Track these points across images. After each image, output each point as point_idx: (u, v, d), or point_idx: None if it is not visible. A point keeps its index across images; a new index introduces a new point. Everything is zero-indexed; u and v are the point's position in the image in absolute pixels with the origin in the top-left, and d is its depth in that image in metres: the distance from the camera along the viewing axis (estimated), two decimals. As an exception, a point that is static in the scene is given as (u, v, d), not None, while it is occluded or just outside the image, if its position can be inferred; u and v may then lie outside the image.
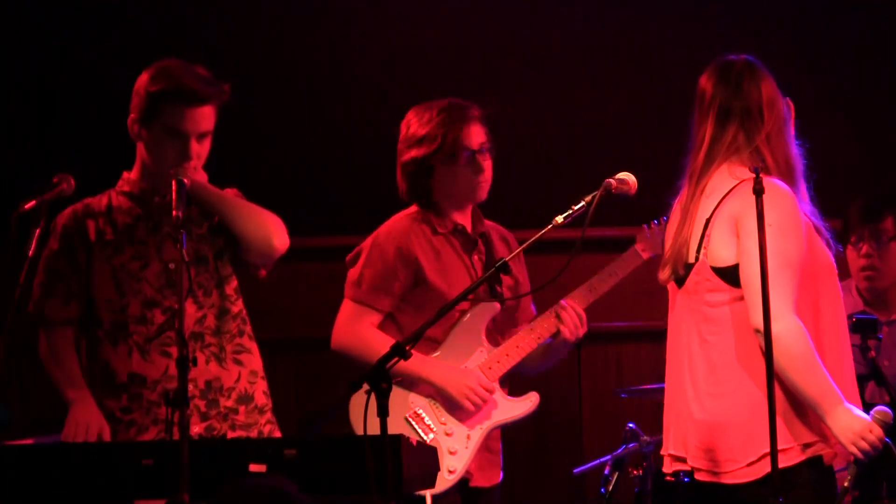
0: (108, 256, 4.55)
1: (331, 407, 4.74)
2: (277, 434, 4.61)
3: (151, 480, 3.84)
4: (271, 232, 4.56)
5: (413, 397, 4.76)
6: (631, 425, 5.47)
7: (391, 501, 3.65)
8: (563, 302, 4.78)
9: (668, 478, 5.42)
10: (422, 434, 4.71)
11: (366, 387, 4.68)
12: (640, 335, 6.35)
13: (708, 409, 4.06)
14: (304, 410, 6.37)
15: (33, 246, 4.13)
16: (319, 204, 6.57)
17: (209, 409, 4.48)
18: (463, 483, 4.73)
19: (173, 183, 4.23)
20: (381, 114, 6.64)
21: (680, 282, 4.17)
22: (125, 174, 4.63)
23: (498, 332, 4.86)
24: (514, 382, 4.93)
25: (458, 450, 4.70)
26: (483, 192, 4.88)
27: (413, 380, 4.74)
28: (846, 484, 3.90)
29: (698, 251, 4.11)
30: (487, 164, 4.86)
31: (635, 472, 5.40)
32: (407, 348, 3.70)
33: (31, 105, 6.68)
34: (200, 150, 4.53)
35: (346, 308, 4.91)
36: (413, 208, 4.92)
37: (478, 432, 4.72)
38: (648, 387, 5.78)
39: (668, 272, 4.20)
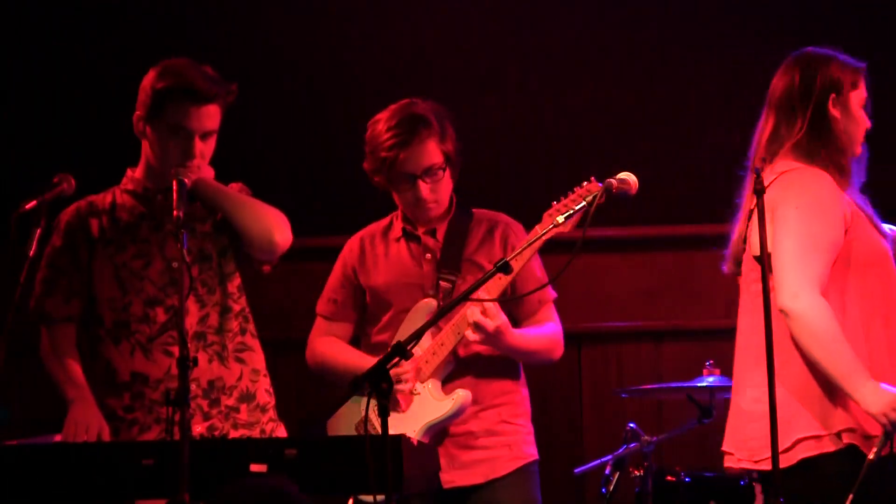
0: (111, 255, 4.55)
1: (331, 407, 4.73)
2: (280, 432, 4.61)
3: (152, 480, 3.84)
4: (272, 227, 4.56)
5: (363, 403, 4.66)
6: (631, 425, 5.47)
7: (392, 500, 3.64)
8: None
9: (668, 477, 5.45)
10: None
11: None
12: (640, 335, 6.35)
13: (749, 396, 4.08)
14: (304, 410, 6.37)
15: (34, 246, 4.13)
16: (319, 204, 6.56)
17: (211, 409, 4.48)
18: (438, 489, 4.58)
19: (174, 182, 4.23)
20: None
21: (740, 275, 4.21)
22: (129, 172, 4.63)
23: None
24: (529, 380, 4.87)
25: None
26: (427, 214, 4.74)
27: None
28: (871, 456, 3.89)
29: (744, 242, 4.14)
30: (438, 185, 4.70)
31: (636, 471, 5.41)
32: (408, 348, 3.70)
33: (31, 105, 6.68)
34: (205, 149, 4.52)
35: (314, 323, 4.93)
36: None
37: (410, 435, 4.48)
38: (648, 387, 5.78)
39: (730, 265, 4.24)
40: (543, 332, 4.73)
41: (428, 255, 4.74)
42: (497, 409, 4.71)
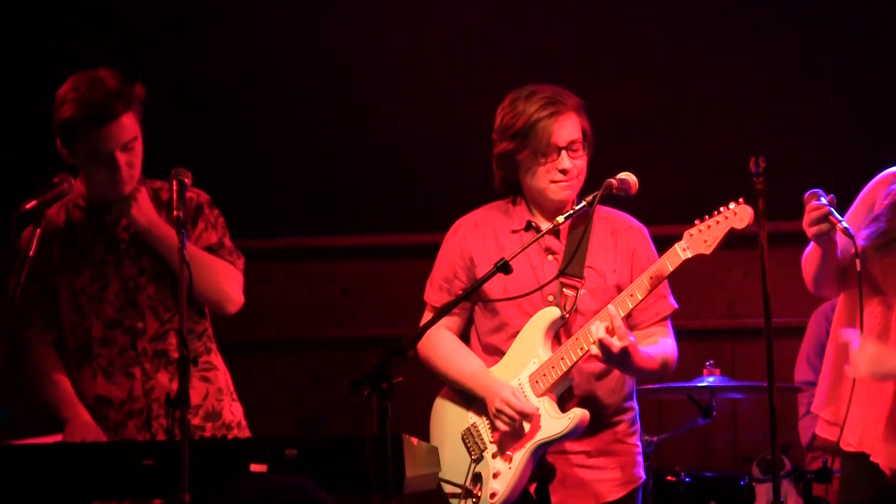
0: (69, 278, 4.48)
1: (331, 407, 4.72)
2: None
3: (152, 480, 3.84)
4: (224, 300, 4.48)
5: (471, 413, 4.50)
6: (632, 425, 5.47)
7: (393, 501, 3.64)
8: (604, 310, 4.30)
9: (668, 477, 5.45)
10: (470, 455, 4.46)
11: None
12: (641, 335, 6.35)
13: None
14: (304, 410, 6.37)
15: (34, 246, 4.11)
16: (319, 204, 6.56)
17: (174, 427, 4.41)
18: None
19: (174, 183, 4.17)
20: (382, 113, 6.65)
21: None
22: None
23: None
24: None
25: (501, 471, 4.39)
26: (561, 193, 4.44)
27: (471, 392, 4.49)
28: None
29: None
30: (576, 162, 4.42)
31: (636, 471, 5.40)
32: (409, 348, 3.69)
33: (31, 105, 6.67)
34: (131, 158, 4.40)
35: (424, 312, 4.64)
36: (509, 198, 4.59)
37: (521, 453, 4.36)
38: (648, 386, 5.77)
39: None
40: (663, 352, 4.46)
41: (550, 258, 4.47)
42: (612, 429, 4.50)
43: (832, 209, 4.06)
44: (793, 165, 5.99)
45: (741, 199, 4.20)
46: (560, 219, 4.24)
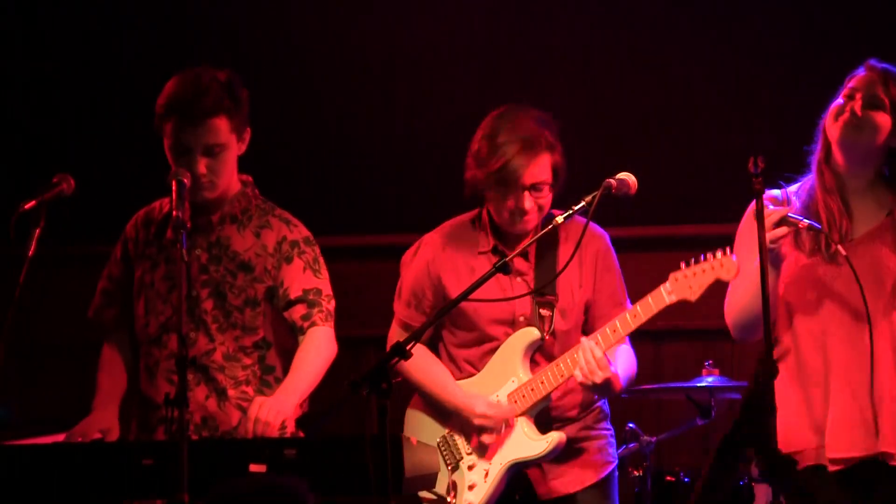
0: (144, 270, 4.50)
1: (331, 407, 4.72)
2: None
3: (152, 480, 3.84)
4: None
5: (452, 421, 4.59)
6: (631, 425, 5.47)
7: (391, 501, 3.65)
8: (583, 340, 4.42)
9: (667, 477, 5.44)
10: (445, 465, 4.54)
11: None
12: (640, 335, 6.31)
13: None
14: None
15: (33, 246, 4.11)
16: (319, 204, 6.56)
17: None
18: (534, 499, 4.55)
19: (173, 183, 4.16)
20: (382, 114, 6.65)
21: None
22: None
23: (547, 357, 4.56)
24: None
25: (476, 484, 4.50)
26: (516, 227, 4.53)
27: (445, 405, 4.59)
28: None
29: None
30: (539, 201, 4.49)
31: (635, 472, 5.41)
32: (407, 349, 3.70)
33: (31, 105, 6.68)
34: (214, 164, 4.39)
35: (392, 323, 4.74)
36: (473, 213, 4.69)
37: (496, 467, 4.48)
38: (648, 387, 5.78)
39: None
40: (632, 361, 4.60)
41: (519, 279, 4.55)
42: (584, 420, 4.62)
43: (790, 213, 4.08)
44: (793, 165, 6.00)
45: (728, 249, 4.25)
46: (560, 219, 4.23)
